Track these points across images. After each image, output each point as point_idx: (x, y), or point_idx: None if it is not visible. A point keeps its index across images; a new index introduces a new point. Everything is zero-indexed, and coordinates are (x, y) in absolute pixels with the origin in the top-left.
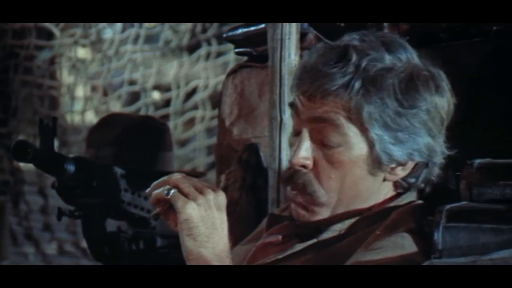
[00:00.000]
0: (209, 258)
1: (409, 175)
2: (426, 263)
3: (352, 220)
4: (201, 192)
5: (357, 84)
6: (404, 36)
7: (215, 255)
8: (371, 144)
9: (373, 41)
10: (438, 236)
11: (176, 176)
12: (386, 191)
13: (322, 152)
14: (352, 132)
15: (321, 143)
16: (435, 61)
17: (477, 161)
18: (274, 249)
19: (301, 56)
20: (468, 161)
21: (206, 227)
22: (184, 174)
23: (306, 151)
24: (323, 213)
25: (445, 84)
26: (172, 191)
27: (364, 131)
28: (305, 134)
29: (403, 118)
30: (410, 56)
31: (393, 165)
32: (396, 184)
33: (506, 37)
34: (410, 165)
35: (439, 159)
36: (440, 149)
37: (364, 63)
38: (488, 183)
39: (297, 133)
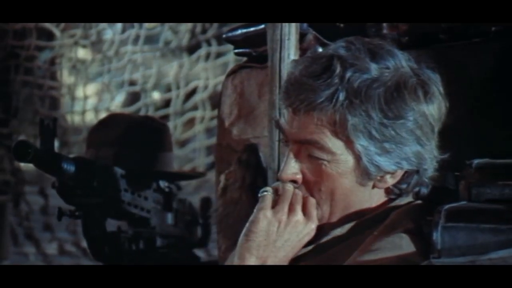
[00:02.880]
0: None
1: (400, 181)
2: (425, 263)
3: (352, 224)
4: (291, 211)
5: (341, 96)
6: (403, 37)
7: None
8: (357, 157)
9: (359, 49)
10: (437, 236)
11: (287, 187)
12: (377, 197)
13: (310, 166)
14: (338, 148)
15: (308, 157)
16: (429, 62)
17: (476, 161)
18: None
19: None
20: (467, 161)
21: (265, 239)
22: (299, 192)
23: (294, 166)
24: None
25: (436, 88)
26: (268, 193)
27: (349, 143)
28: (293, 148)
29: (388, 128)
30: (398, 63)
31: (382, 174)
32: (388, 190)
33: (505, 37)
34: (400, 173)
35: (430, 164)
36: (430, 155)
37: (348, 74)
38: (487, 183)
39: (286, 141)
